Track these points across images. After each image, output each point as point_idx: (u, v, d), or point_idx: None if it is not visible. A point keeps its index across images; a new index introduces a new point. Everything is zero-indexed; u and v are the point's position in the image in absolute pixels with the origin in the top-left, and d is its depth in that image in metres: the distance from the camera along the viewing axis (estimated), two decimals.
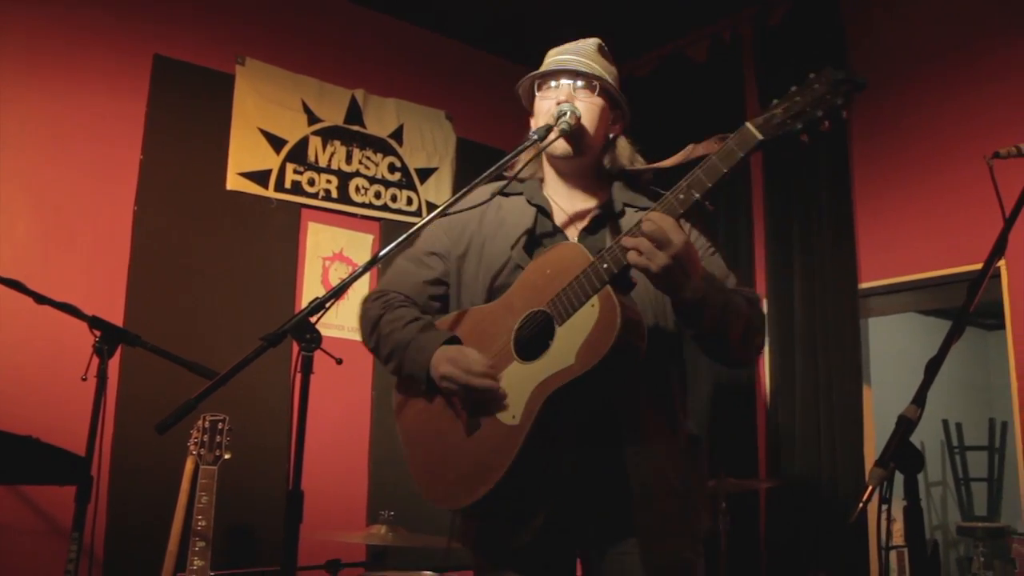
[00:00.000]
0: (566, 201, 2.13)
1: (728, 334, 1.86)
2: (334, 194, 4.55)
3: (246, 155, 4.29)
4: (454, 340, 2.00)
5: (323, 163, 4.54)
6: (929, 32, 4.10)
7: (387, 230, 4.69)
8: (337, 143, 4.61)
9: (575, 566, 2.06)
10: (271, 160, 4.37)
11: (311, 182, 4.48)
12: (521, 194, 2.15)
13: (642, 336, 1.79)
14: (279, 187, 4.37)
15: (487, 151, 5.06)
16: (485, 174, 2.00)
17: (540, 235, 2.08)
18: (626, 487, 1.87)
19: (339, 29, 4.78)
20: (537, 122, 2.11)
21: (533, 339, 1.88)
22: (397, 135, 4.85)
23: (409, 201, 4.81)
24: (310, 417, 1.76)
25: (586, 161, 2.11)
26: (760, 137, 1.65)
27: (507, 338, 1.92)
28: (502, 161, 2.02)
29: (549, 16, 4.76)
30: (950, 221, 3.87)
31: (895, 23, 4.25)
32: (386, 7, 4.88)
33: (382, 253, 1.91)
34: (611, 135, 2.15)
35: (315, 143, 4.53)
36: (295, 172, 4.43)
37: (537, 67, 2.17)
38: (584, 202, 2.12)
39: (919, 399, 1.56)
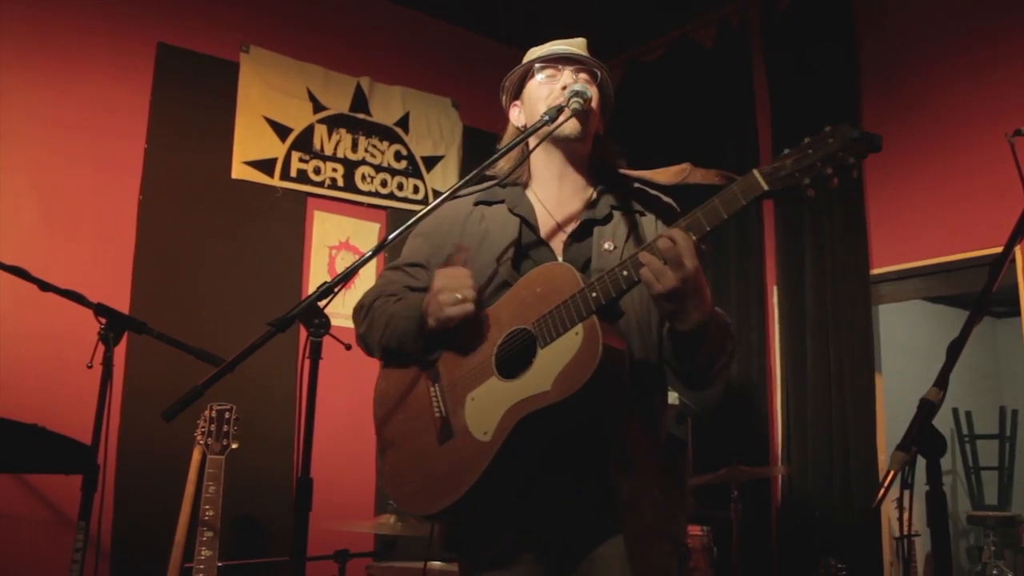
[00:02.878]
0: (554, 201, 2.06)
1: (711, 370, 1.86)
2: (340, 182, 4.52)
3: (251, 144, 4.26)
4: None
5: (329, 151, 4.51)
6: (941, 13, 4.05)
7: (393, 218, 4.65)
8: (343, 131, 4.58)
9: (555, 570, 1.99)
10: (276, 148, 4.34)
11: (317, 170, 4.45)
12: (503, 202, 2.10)
13: (623, 368, 1.75)
14: (284, 176, 4.34)
15: (494, 139, 4.98)
16: (494, 156, 1.98)
17: (525, 246, 2.03)
18: (611, 503, 1.83)
19: (344, 16, 4.75)
20: (535, 108, 2.04)
21: (514, 357, 1.84)
22: (403, 123, 4.82)
23: (416, 189, 4.77)
24: (319, 407, 1.74)
25: (584, 150, 2.07)
26: (766, 188, 1.62)
27: (489, 351, 1.88)
28: (513, 142, 1.98)
29: (556, 2, 4.72)
30: (962, 206, 3.83)
31: (905, 4, 4.20)
32: None
33: (390, 237, 1.88)
34: (599, 129, 2.11)
35: (320, 131, 4.50)
36: (300, 160, 4.40)
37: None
38: (573, 199, 2.06)
39: (941, 381, 1.53)
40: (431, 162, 4.88)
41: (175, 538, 3.33)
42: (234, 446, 3.34)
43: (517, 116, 2.15)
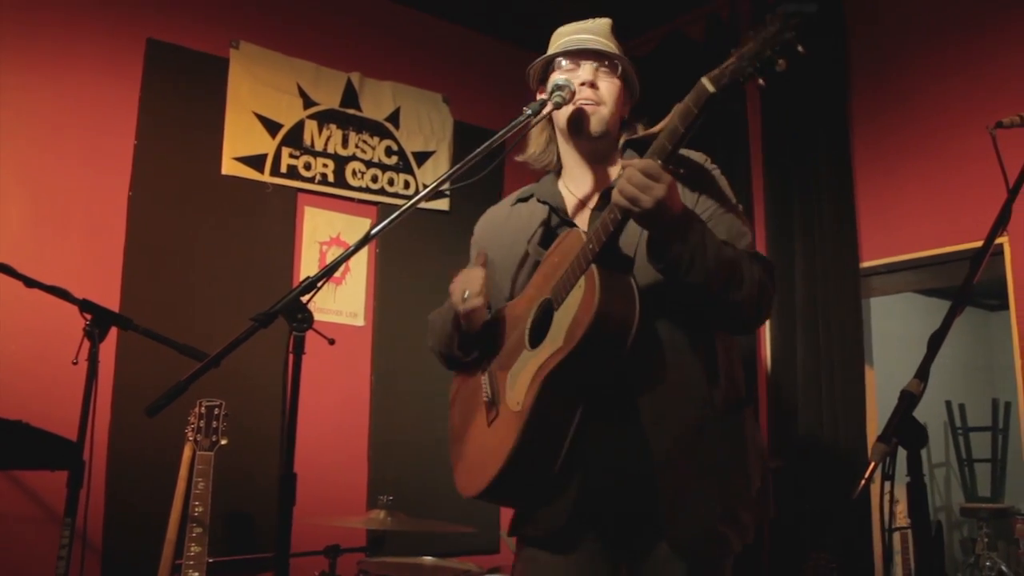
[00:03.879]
0: (584, 185, 2.12)
1: (704, 278, 1.74)
2: (330, 178, 4.52)
3: (241, 139, 4.25)
4: None
5: (319, 147, 4.50)
6: (929, 7, 4.05)
7: (384, 214, 4.65)
8: (333, 127, 4.57)
9: (616, 566, 2.01)
10: (266, 144, 4.33)
11: (307, 166, 4.44)
12: (533, 195, 2.18)
13: (629, 311, 1.74)
14: (275, 171, 4.33)
15: (485, 134, 4.95)
16: (478, 151, 1.99)
17: (555, 227, 2.09)
18: (648, 460, 1.84)
19: (334, 11, 4.73)
20: None
21: (540, 327, 1.91)
22: (394, 118, 4.81)
23: (406, 185, 4.77)
24: (309, 403, 1.75)
25: (607, 142, 2.10)
26: (712, 90, 1.63)
27: (523, 328, 1.96)
28: (495, 137, 2.00)
29: None
30: (953, 198, 3.83)
31: None
32: None
33: (374, 231, 1.89)
34: (624, 115, 2.15)
35: (311, 127, 4.49)
36: (291, 156, 4.40)
37: (536, 49, 2.16)
38: (602, 182, 2.11)
39: (922, 373, 1.53)
40: (422, 157, 4.87)
41: (166, 535, 3.34)
42: (223, 442, 3.34)
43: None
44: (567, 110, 2.01)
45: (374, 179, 4.67)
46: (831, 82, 4.24)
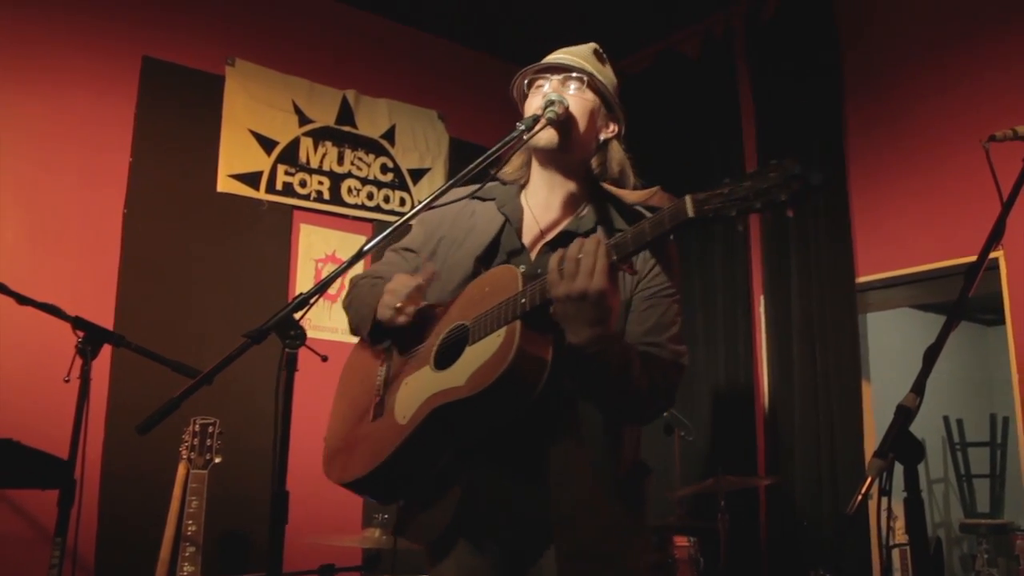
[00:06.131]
0: (543, 207, 2.06)
1: (609, 401, 1.80)
2: (326, 195, 4.52)
3: (237, 157, 4.25)
4: None
5: (315, 164, 4.50)
6: (922, 23, 4.07)
7: (380, 231, 4.60)
8: (328, 144, 4.58)
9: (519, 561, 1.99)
10: (262, 162, 4.33)
11: (303, 183, 4.44)
12: (495, 199, 2.11)
13: (538, 377, 1.70)
14: (270, 189, 4.33)
15: (480, 151, 4.95)
16: (469, 168, 1.97)
17: (505, 248, 2.03)
18: (547, 520, 1.82)
19: (329, 29, 4.75)
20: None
21: (450, 350, 1.87)
22: (389, 135, 4.82)
23: (402, 202, 4.77)
24: (305, 421, 1.73)
25: (573, 159, 2.04)
26: (691, 215, 1.54)
27: (434, 342, 1.92)
28: (488, 154, 1.98)
29: (541, 14, 4.73)
30: (947, 213, 3.83)
31: (888, 14, 4.22)
32: (377, 7, 4.84)
33: (367, 248, 1.88)
34: (602, 137, 2.08)
35: (306, 144, 4.50)
36: (286, 173, 4.40)
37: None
38: (562, 209, 2.05)
39: (918, 387, 1.52)
40: (417, 174, 4.88)
41: (159, 554, 3.30)
42: (217, 460, 3.32)
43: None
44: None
45: (370, 196, 4.67)
46: (825, 97, 4.25)
